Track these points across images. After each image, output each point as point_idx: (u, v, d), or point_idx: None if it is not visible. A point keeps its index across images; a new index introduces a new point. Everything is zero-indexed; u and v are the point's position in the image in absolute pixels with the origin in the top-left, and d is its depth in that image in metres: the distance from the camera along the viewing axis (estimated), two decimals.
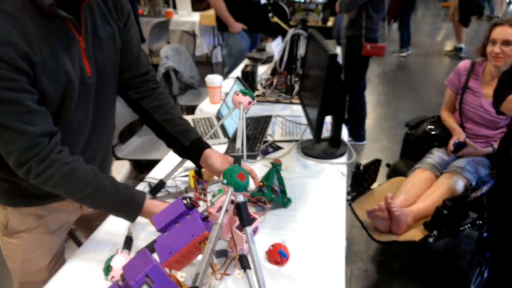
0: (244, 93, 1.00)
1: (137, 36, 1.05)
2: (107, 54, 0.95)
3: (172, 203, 0.77)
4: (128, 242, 0.92)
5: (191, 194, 1.22)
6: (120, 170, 2.00)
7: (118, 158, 2.15)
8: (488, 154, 1.79)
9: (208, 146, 1.06)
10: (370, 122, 3.86)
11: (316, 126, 1.35)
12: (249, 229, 0.74)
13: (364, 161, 1.90)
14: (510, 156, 1.40)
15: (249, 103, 1.01)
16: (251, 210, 1.04)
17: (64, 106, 0.87)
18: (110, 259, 0.78)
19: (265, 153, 1.56)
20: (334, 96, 1.33)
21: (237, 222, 0.85)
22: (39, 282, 1.09)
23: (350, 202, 1.68)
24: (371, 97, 4.51)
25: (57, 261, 1.13)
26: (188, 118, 1.88)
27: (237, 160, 0.88)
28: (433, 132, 1.91)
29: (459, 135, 1.81)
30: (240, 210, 0.75)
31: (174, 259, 0.72)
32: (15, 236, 1.05)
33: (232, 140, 1.65)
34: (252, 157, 1.52)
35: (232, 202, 0.82)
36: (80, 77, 0.89)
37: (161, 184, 1.07)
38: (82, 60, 0.88)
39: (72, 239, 1.63)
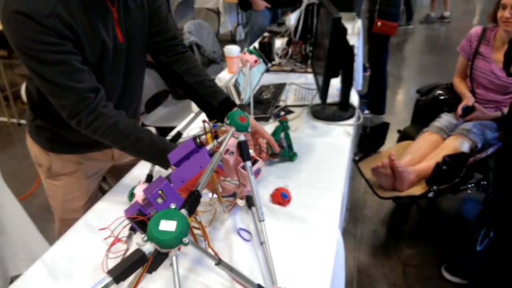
0: (251, 52, 1.11)
1: (165, 2, 1.16)
2: (136, 23, 1.06)
3: (185, 142, 0.90)
4: (149, 179, 1.07)
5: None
6: None
7: (144, 125, 2.32)
8: (496, 118, 1.83)
9: (235, 105, 1.15)
10: (392, 95, 3.88)
11: (322, 87, 1.44)
12: (248, 163, 0.87)
13: None
14: None
15: (255, 61, 1.12)
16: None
17: (100, 69, 1.01)
18: (133, 188, 0.94)
19: (277, 116, 1.67)
20: (339, 59, 1.42)
21: (242, 163, 0.98)
22: (75, 220, 1.27)
23: (357, 162, 1.77)
24: (395, 70, 4.49)
25: (92, 203, 1.30)
26: None
27: (241, 107, 1.00)
28: (442, 97, 1.95)
29: (468, 99, 1.85)
30: (241, 147, 0.88)
31: (185, 186, 0.86)
32: (56, 178, 1.23)
33: (248, 105, 1.77)
34: (264, 119, 1.63)
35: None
36: (114, 43, 1.01)
37: (178, 135, 1.21)
38: (115, 29, 1.01)
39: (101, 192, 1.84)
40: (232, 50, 2.12)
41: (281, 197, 1.11)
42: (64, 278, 0.89)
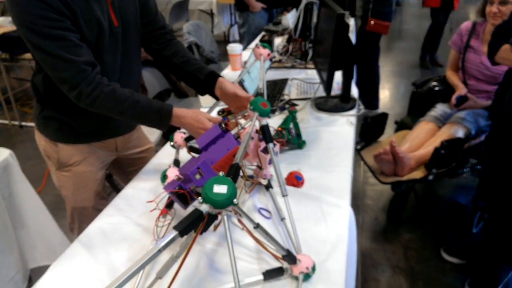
0: (264, 46, 1.20)
1: None
2: (128, 8, 1.14)
3: (211, 128, 0.99)
4: (176, 163, 1.15)
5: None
6: (153, 132, 2.25)
7: None
8: (488, 107, 1.95)
9: (220, 76, 1.24)
10: (385, 91, 4.00)
11: (326, 80, 1.54)
12: (271, 144, 0.96)
13: None
14: (504, 101, 1.56)
15: (268, 54, 1.21)
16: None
17: (98, 49, 1.08)
18: (165, 171, 1.02)
19: (282, 109, 1.77)
20: (342, 52, 1.51)
21: (261, 147, 1.06)
22: (87, 208, 1.34)
23: (359, 150, 1.87)
24: (387, 67, 4.62)
25: (101, 191, 1.37)
26: None
27: (259, 95, 1.09)
28: (437, 88, 2.07)
29: (461, 90, 1.97)
30: (264, 131, 0.97)
31: (214, 168, 0.94)
32: (66, 169, 1.28)
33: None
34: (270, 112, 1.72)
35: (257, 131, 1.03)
36: (109, 26, 1.09)
37: None
38: (109, 12, 1.08)
39: (111, 186, 1.91)
40: (235, 48, 2.20)
41: (295, 180, 1.19)
42: (102, 255, 0.97)
